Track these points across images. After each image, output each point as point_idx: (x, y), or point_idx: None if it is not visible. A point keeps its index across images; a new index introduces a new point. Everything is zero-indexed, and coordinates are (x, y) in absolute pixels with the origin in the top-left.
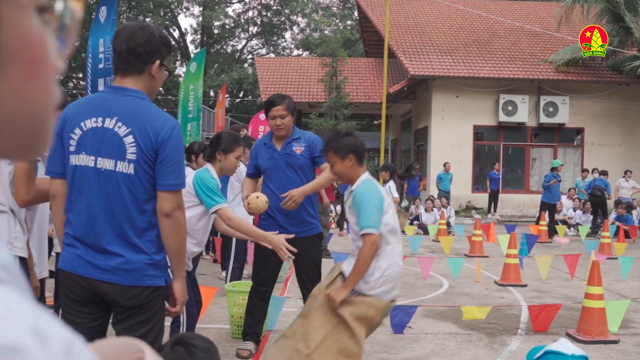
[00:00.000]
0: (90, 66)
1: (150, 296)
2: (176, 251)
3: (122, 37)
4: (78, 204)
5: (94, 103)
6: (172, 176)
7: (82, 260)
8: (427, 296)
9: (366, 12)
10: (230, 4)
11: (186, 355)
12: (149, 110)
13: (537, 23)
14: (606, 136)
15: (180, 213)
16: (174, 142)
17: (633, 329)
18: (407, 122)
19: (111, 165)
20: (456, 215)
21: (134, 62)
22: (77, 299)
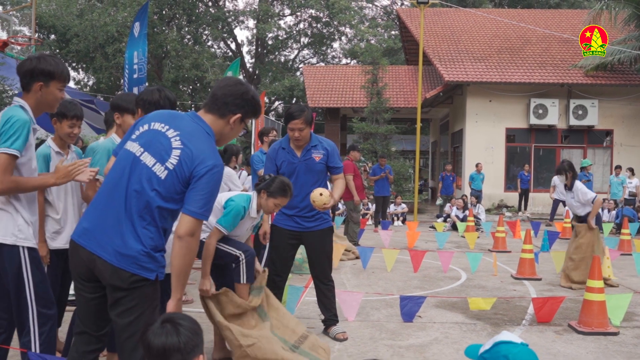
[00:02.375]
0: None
1: (135, 284)
2: (178, 272)
3: (222, 84)
4: (111, 181)
5: (171, 116)
6: (198, 205)
7: (88, 234)
8: (444, 288)
9: (405, 23)
10: (283, 17)
11: (173, 332)
12: (205, 143)
13: (568, 30)
14: (634, 137)
15: (192, 240)
16: (207, 178)
17: (636, 322)
18: (445, 125)
19: (150, 162)
20: (489, 213)
21: (220, 106)
22: (78, 270)
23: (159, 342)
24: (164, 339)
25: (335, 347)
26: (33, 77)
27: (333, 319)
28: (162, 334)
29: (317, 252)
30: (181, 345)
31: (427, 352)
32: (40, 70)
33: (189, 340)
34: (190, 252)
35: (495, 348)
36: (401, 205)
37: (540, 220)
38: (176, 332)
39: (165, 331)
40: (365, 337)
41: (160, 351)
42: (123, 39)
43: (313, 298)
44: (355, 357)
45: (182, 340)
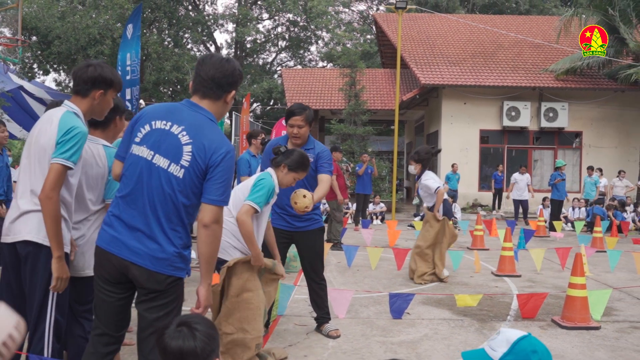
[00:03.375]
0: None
1: (171, 284)
2: (207, 259)
3: (209, 66)
4: (129, 189)
5: (168, 110)
6: (218, 192)
7: (118, 241)
8: (428, 285)
9: (382, 27)
10: (261, 21)
11: (190, 336)
12: (212, 131)
13: (539, 35)
14: (603, 139)
15: (217, 226)
16: (225, 164)
17: (615, 316)
18: (420, 127)
19: (165, 164)
20: (464, 212)
21: (215, 89)
22: (107, 277)
23: (176, 345)
24: (181, 343)
25: (329, 344)
26: (95, 85)
27: (325, 316)
28: (178, 337)
29: (308, 251)
30: (198, 350)
31: (418, 348)
32: (103, 78)
33: (206, 345)
34: (217, 238)
35: (518, 346)
36: (380, 205)
37: (514, 219)
38: (192, 336)
39: (182, 335)
40: (357, 334)
41: (177, 355)
42: (105, 41)
43: (302, 296)
44: (349, 354)
45: (198, 345)
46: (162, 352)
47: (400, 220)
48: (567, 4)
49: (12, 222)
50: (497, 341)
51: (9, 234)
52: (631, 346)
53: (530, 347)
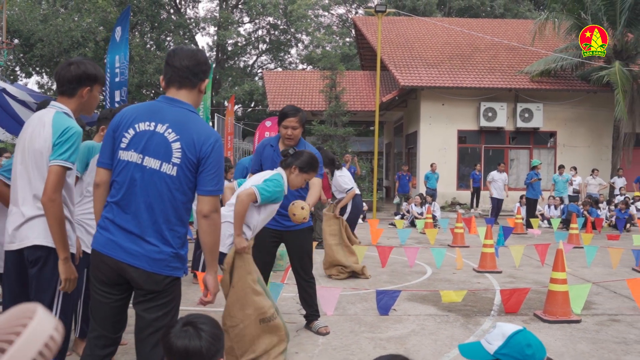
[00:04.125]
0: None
1: (169, 284)
2: (210, 248)
3: (182, 56)
4: (122, 194)
5: (149, 109)
6: (212, 183)
7: (114, 244)
8: (412, 282)
9: (362, 31)
10: (242, 24)
11: (195, 336)
12: (196, 123)
13: (514, 38)
14: (576, 138)
15: (217, 215)
16: (216, 154)
17: (594, 310)
18: (399, 127)
19: (157, 165)
20: (443, 210)
21: (192, 78)
22: (104, 279)
23: (181, 344)
24: (187, 342)
25: (319, 340)
26: (81, 83)
27: (315, 314)
28: (184, 337)
29: (298, 250)
30: (203, 350)
31: (407, 343)
32: (87, 75)
33: (211, 345)
34: (218, 227)
35: (513, 340)
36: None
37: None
38: (198, 336)
39: (187, 335)
40: (345, 330)
41: (183, 354)
42: (87, 44)
43: (290, 294)
44: (339, 350)
45: (204, 345)
46: (167, 351)
47: (382, 219)
48: (540, 8)
49: (16, 229)
50: (493, 335)
51: (14, 241)
52: (611, 338)
53: (525, 341)
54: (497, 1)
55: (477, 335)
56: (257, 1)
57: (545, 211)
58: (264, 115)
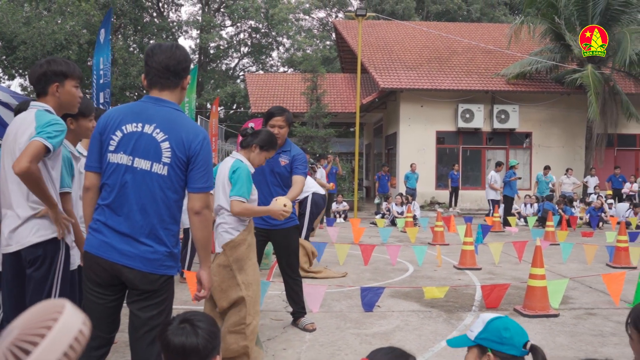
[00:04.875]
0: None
1: (164, 283)
2: (203, 244)
3: (161, 56)
4: (113, 196)
5: (135, 110)
6: (202, 180)
7: (107, 246)
8: (395, 279)
9: (342, 34)
10: (224, 27)
11: (192, 333)
12: (183, 121)
13: (491, 42)
14: (550, 139)
15: (208, 211)
16: (205, 151)
17: (571, 304)
18: (379, 129)
19: (147, 166)
20: (422, 209)
21: (173, 78)
22: (99, 281)
23: (179, 341)
24: (184, 339)
25: (306, 337)
26: (47, 80)
27: (301, 311)
28: (181, 334)
29: (284, 248)
30: (200, 347)
31: (392, 338)
32: (52, 71)
33: (208, 342)
34: (209, 223)
35: (491, 325)
36: (342, 204)
37: (470, 215)
38: (195, 333)
39: (185, 332)
40: (332, 327)
41: (180, 350)
42: (71, 46)
43: (276, 292)
44: (326, 346)
45: (200, 342)
46: (165, 348)
47: (363, 218)
48: (515, 13)
49: (12, 231)
50: (475, 323)
51: (11, 244)
52: (588, 331)
53: (502, 325)
54: (474, 6)
55: (460, 330)
56: (238, 5)
57: (522, 209)
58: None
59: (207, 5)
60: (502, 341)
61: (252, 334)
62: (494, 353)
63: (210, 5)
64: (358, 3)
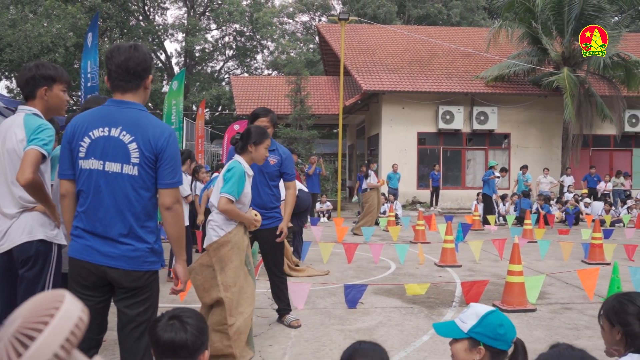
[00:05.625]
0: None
1: (149, 279)
2: (177, 238)
3: (119, 59)
4: (89, 202)
5: (100, 115)
6: (171, 175)
7: (91, 250)
8: (377, 276)
9: (325, 37)
10: (209, 31)
11: (181, 329)
12: (148, 121)
13: (470, 45)
14: (528, 139)
15: (179, 206)
16: (171, 147)
17: (548, 299)
18: (361, 130)
19: (118, 168)
20: (404, 208)
21: (134, 80)
22: (86, 283)
23: (168, 337)
24: (173, 335)
25: (291, 333)
26: (36, 84)
27: (287, 308)
28: (171, 330)
29: (270, 247)
30: (189, 343)
31: (375, 334)
32: (41, 75)
33: (196, 338)
34: (181, 217)
35: (486, 320)
36: (326, 204)
37: (451, 214)
38: (184, 329)
39: (174, 328)
40: (316, 323)
41: (169, 346)
42: (57, 49)
43: (261, 290)
44: (311, 342)
45: (189, 338)
46: (154, 344)
47: (346, 218)
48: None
49: (4, 231)
50: (467, 314)
51: (3, 243)
52: (564, 325)
53: (497, 321)
54: (454, 10)
55: None
56: (223, 9)
57: (501, 208)
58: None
59: (193, 8)
60: (497, 337)
61: (237, 334)
62: (485, 347)
63: (196, 9)
64: (341, 7)
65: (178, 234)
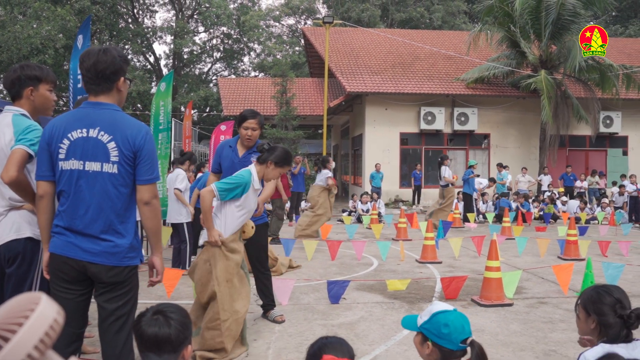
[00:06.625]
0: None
1: (129, 274)
2: (154, 232)
3: (88, 63)
4: (70, 200)
5: (77, 117)
6: (149, 172)
7: (72, 245)
8: (360, 273)
9: (310, 40)
10: (198, 34)
11: (165, 324)
12: (125, 120)
13: (451, 48)
14: (507, 139)
15: (156, 201)
16: (148, 145)
17: (524, 294)
18: (345, 130)
19: (98, 167)
20: (387, 207)
21: (104, 83)
22: (67, 278)
23: (152, 332)
24: (157, 330)
25: (275, 328)
26: (21, 84)
27: (271, 304)
28: (154, 325)
29: (255, 245)
30: (172, 337)
31: (356, 328)
32: (26, 75)
33: (179, 333)
34: (159, 211)
35: (434, 318)
36: None
37: None
38: (167, 324)
39: (157, 323)
40: (300, 318)
41: (153, 340)
42: (47, 51)
43: None
44: (295, 336)
45: (172, 333)
46: (138, 338)
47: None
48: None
49: None
50: (426, 310)
51: None
52: (539, 318)
53: (443, 321)
54: (436, 14)
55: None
56: (211, 12)
57: (481, 207)
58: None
59: (181, 11)
60: (441, 336)
61: (229, 331)
62: (433, 344)
63: (184, 12)
64: (326, 11)
65: (156, 227)
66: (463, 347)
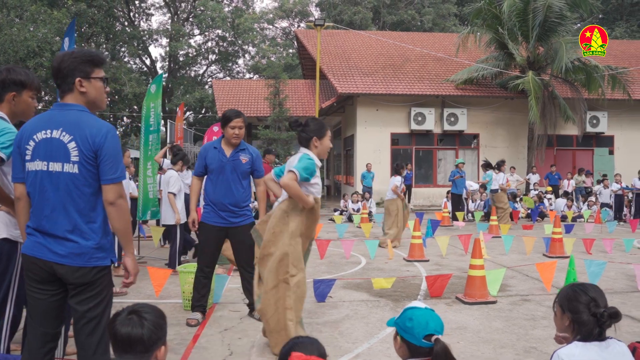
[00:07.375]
0: None
1: (97, 275)
2: (123, 233)
3: (53, 65)
4: (36, 201)
5: (45, 119)
6: (112, 171)
7: (40, 246)
8: (348, 271)
9: (303, 42)
10: (193, 36)
11: (138, 324)
12: (87, 120)
13: (441, 50)
14: (496, 139)
15: (122, 201)
16: (109, 143)
17: (508, 291)
18: (337, 131)
19: (59, 167)
20: (377, 206)
21: (63, 84)
22: (37, 278)
23: (125, 332)
24: (130, 330)
25: (260, 327)
26: (5, 88)
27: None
28: (128, 324)
29: (242, 244)
30: (144, 337)
31: (341, 327)
32: (11, 80)
33: (152, 333)
34: (126, 211)
35: (403, 314)
36: None
37: (422, 211)
38: (141, 324)
39: (131, 323)
40: None
41: (125, 340)
42: (44, 54)
43: (235, 285)
44: None
45: (145, 333)
46: (112, 337)
47: (322, 215)
48: (465, 24)
49: None
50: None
51: None
52: (522, 316)
53: (409, 315)
54: (426, 17)
55: None
56: (206, 15)
57: (471, 205)
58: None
59: (177, 14)
60: (405, 329)
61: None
62: (401, 338)
63: (180, 15)
64: (319, 14)
65: (124, 227)
66: (427, 343)
